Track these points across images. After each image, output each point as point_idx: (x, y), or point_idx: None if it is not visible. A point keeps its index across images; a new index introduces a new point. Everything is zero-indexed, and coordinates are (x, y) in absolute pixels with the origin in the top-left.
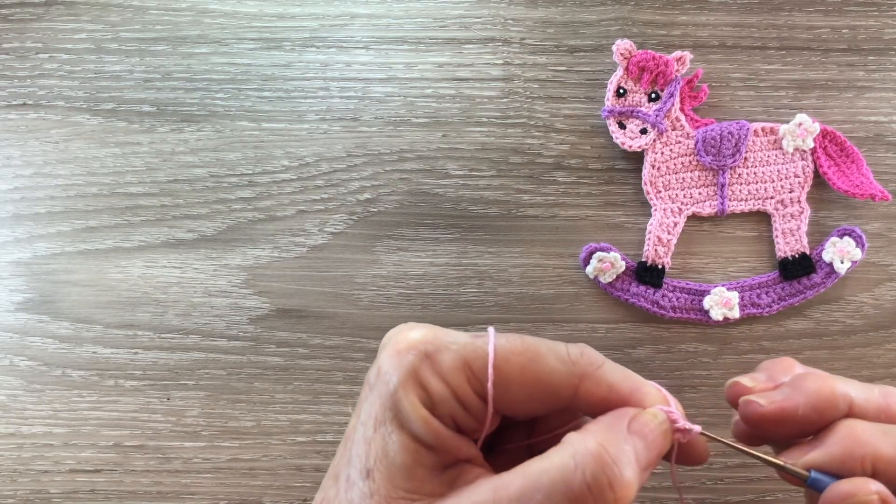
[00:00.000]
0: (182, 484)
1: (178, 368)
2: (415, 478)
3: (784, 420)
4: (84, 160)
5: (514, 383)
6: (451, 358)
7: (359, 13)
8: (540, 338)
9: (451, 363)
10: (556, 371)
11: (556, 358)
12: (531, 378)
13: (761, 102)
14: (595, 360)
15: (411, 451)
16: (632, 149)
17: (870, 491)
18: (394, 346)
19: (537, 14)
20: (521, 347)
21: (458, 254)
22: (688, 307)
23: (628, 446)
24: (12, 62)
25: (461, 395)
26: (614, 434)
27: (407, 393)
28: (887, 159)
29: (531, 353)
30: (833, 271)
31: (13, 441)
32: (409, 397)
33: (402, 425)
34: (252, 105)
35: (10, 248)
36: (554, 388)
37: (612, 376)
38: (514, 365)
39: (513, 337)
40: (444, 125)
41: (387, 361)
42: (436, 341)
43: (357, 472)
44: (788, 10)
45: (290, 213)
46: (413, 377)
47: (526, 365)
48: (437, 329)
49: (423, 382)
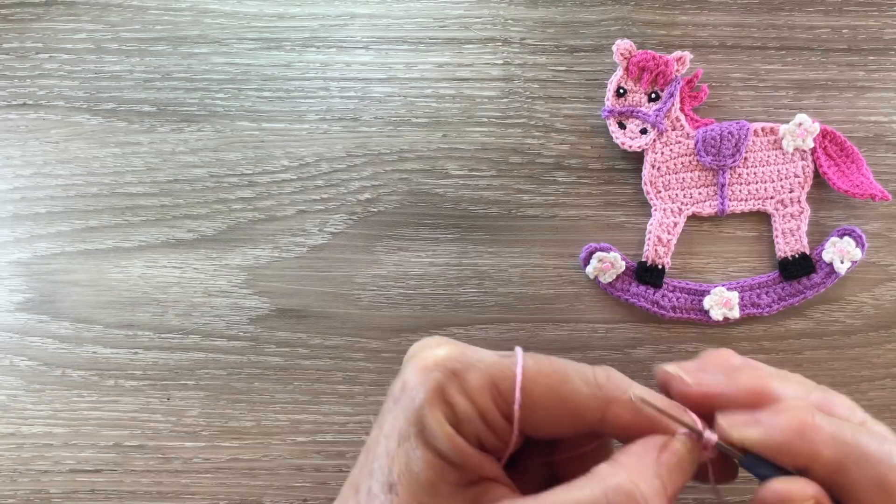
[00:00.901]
0: (182, 484)
1: (178, 368)
2: (438, 494)
3: (710, 405)
4: (84, 160)
5: (540, 405)
6: (478, 377)
7: (359, 13)
8: (567, 360)
9: (479, 382)
10: (582, 395)
11: (583, 381)
12: (558, 401)
13: (761, 102)
14: (621, 385)
15: (435, 468)
16: (632, 149)
17: (807, 496)
18: (421, 362)
19: (537, 14)
20: (548, 369)
21: (458, 254)
22: (688, 307)
23: (659, 481)
24: (12, 62)
25: (487, 414)
26: (645, 468)
27: (433, 410)
28: (887, 159)
29: (559, 375)
30: (833, 271)
31: (13, 441)
32: (434, 414)
33: (427, 441)
34: (252, 105)
35: (10, 248)
36: (580, 412)
37: (640, 403)
38: (541, 387)
39: (541, 358)
40: (444, 125)
41: (413, 376)
42: (463, 359)
43: (379, 486)
44: (788, 10)
45: (290, 213)
46: (439, 394)
47: (553, 388)
48: (465, 346)
49: (449, 400)
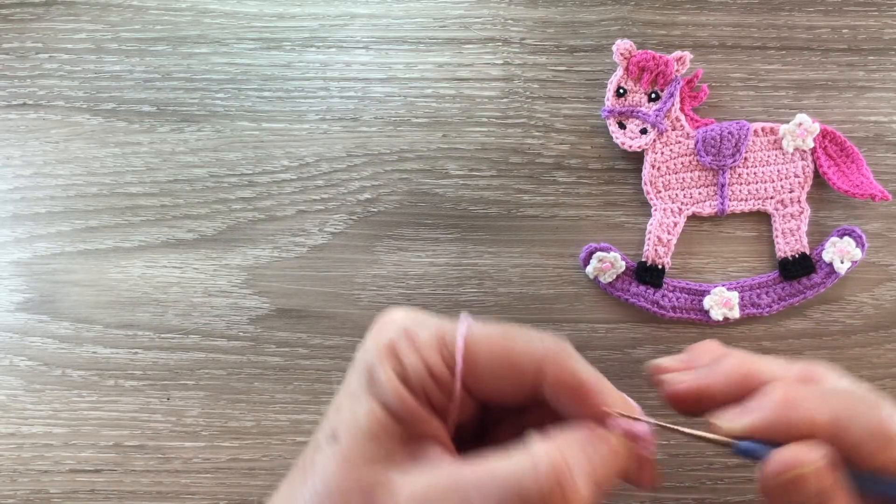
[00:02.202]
0: (182, 484)
1: (178, 368)
2: (379, 444)
3: (700, 398)
4: (84, 160)
5: (483, 360)
6: (427, 333)
7: (359, 13)
8: (515, 326)
9: (427, 339)
10: (524, 350)
11: (526, 340)
12: (500, 355)
13: (761, 102)
14: (566, 349)
15: (378, 418)
16: (632, 149)
17: (813, 459)
18: (377, 325)
19: (537, 14)
20: (494, 329)
21: (458, 254)
22: (688, 307)
23: (587, 462)
24: (12, 62)
25: (434, 369)
26: (576, 444)
27: (382, 363)
28: (887, 159)
29: (503, 333)
30: (833, 271)
31: (13, 441)
32: (383, 367)
33: (374, 393)
34: (252, 105)
35: (10, 248)
36: (521, 368)
37: (580, 366)
38: (485, 343)
39: (489, 323)
40: (444, 125)
41: (369, 339)
42: (416, 319)
43: (324, 436)
44: (788, 10)
45: (290, 213)
46: (390, 349)
47: (497, 343)
48: (420, 311)
49: (398, 354)
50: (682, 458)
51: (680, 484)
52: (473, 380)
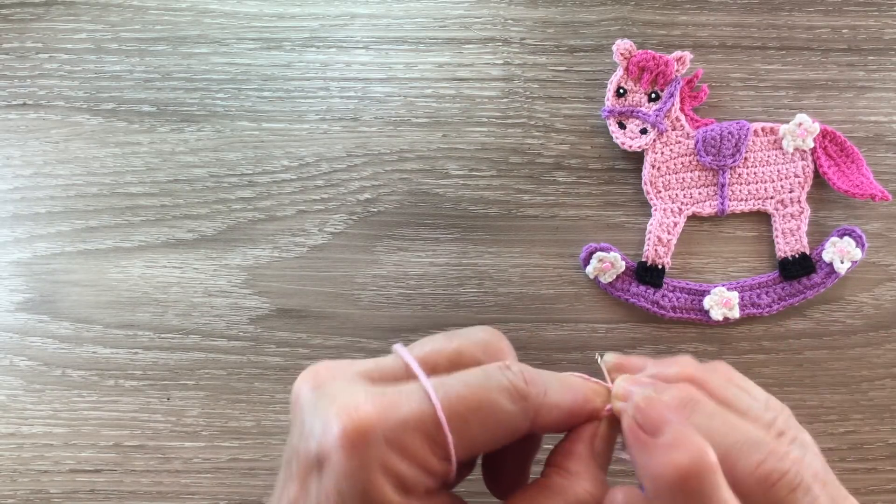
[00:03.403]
0: (182, 484)
1: (178, 368)
2: None
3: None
4: (84, 160)
5: (475, 437)
6: (413, 438)
7: (359, 13)
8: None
9: (416, 443)
10: (511, 413)
11: (508, 399)
12: (491, 427)
13: (761, 102)
14: (539, 386)
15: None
16: (632, 149)
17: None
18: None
19: (537, 14)
20: (473, 400)
21: (458, 254)
22: (688, 307)
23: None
24: (12, 62)
25: (430, 467)
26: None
27: (382, 488)
28: (887, 159)
29: (485, 401)
30: (833, 271)
31: (13, 441)
32: (383, 492)
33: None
34: (252, 105)
35: (10, 248)
36: (512, 428)
37: (559, 398)
38: (474, 422)
39: (457, 386)
40: (444, 125)
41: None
42: (389, 420)
43: None
44: (788, 10)
45: (290, 213)
46: (382, 470)
47: (485, 419)
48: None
49: (393, 471)
50: None
51: None
52: (468, 452)
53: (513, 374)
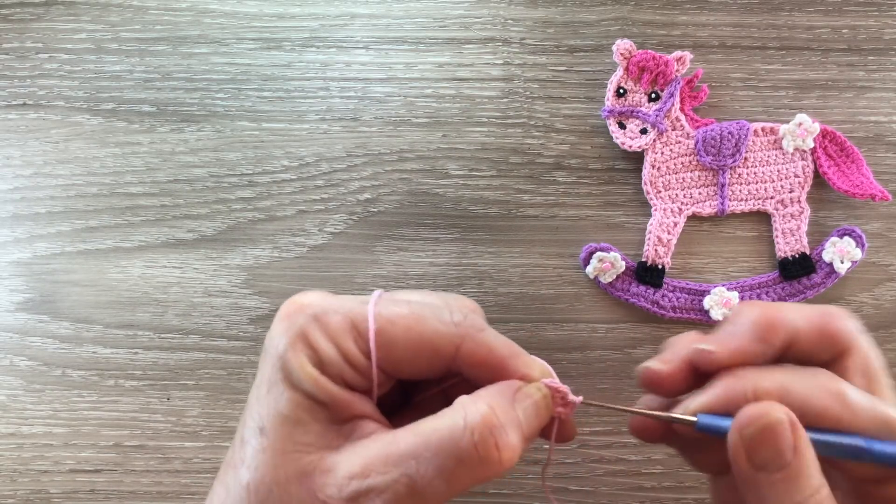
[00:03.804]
0: (182, 484)
1: (178, 368)
2: (309, 432)
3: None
4: (84, 160)
5: (398, 344)
6: (338, 320)
7: (359, 13)
8: (429, 304)
9: (339, 325)
10: (438, 332)
11: (439, 320)
12: (415, 339)
13: (761, 102)
14: (477, 324)
15: (303, 407)
16: (632, 149)
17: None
18: (285, 310)
19: (537, 14)
20: (406, 311)
21: (458, 254)
22: (688, 307)
23: (514, 413)
24: (12, 62)
25: (349, 355)
26: (503, 400)
27: (296, 353)
28: (887, 159)
29: (416, 315)
30: (833, 271)
31: (13, 441)
32: (297, 357)
33: (293, 385)
34: (252, 105)
35: (10, 248)
36: (436, 348)
37: (493, 340)
38: (399, 327)
39: (400, 301)
40: (444, 125)
41: (277, 325)
42: (325, 304)
43: (251, 431)
44: (788, 10)
45: (290, 213)
46: (301, 338)
47: (410, 326)
48: (329, 294)
49: (311, 343)
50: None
51: (680, 484)
52: (390, 363)
53: (456, 309)
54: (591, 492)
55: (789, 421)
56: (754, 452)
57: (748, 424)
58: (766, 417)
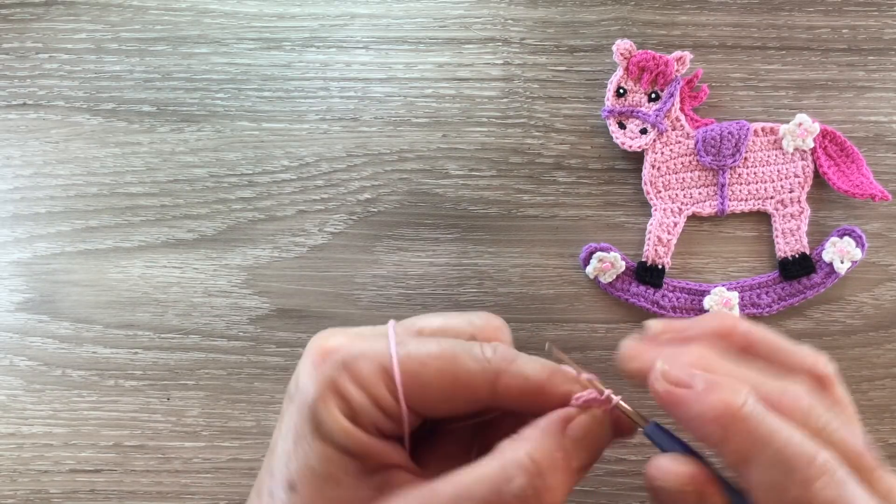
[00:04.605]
0: (182, 484)
1: (178, 368)
2: (340, 486)
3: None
4: (84, 160)
5: (432, 387)
6: (368, 366)
7: (359, 13)
8: (456, 340)
9: (370, 371)
10: (471, 371)
11: (472, 358)
12: (449, 380)
13: (761, 102)
14: (508, 356)
15: (334, 461)
16: (632, 149)
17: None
18: (311, 356)
19: (537, 14)
20: (436, 350)
21: (458, 254)
22: (688, 307)
23: (560, 453)
24: (12, 62)
25: (381, 402)
26: (546, 441)
27: (326, 404)
28: (887, 159)
29: (447, 354)
30: (833, 271)
31: (13, 441)
32: (328, 409)
33: (323, 437)
34: (252, 105)
35: (10, 248)
36: (472, 388)
37: (527, 368)
38: (431, 369)
39: (427, 340)
40: (444, 125)
41: (304, 373)
42: (353, 349)
43: (280, 486)
44: (788, 10)
45: (290, 213)
46: (332, 388)
47: (443, 368)
48: (356, 335)
49: (342, 393)
50: None
51: None
52: (423, 406)
53: (486, 344)
54: (592, 492)
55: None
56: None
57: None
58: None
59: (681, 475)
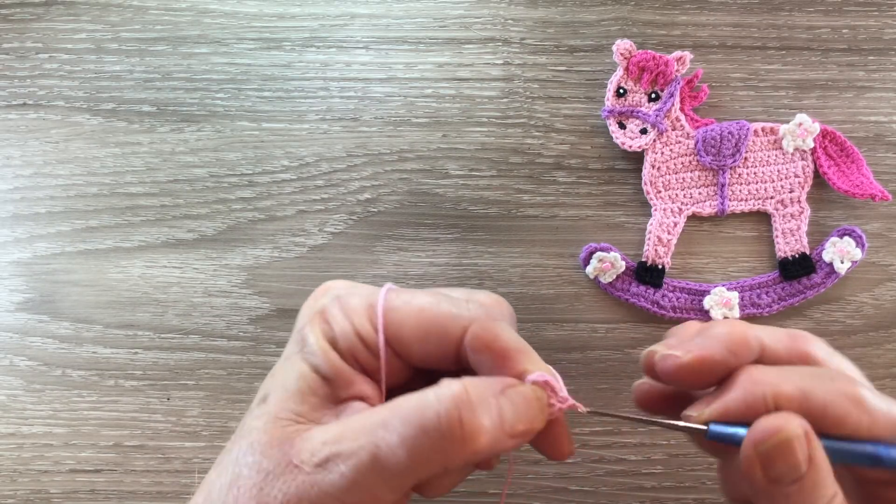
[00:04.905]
0: (182, 484)
1: (178, 368)
2: (305, 403)
3: (702, 367)
4: (84, 160)
5: (409, 323)
6: (357, 301)
7: (359, 13)
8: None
9: (357, 304)
10: (449, 314)
11: (453, 305)
12: (426, 320)
13: (761, 102)
14: (491, 314)
15: (307, 379)
16: (632, 149)
17: (796, 425)
18: (313, 294)
19: (537, 14)
20: (423, 297)
21: (458, 254)
22: (688, 307)
23: (494, 400)
24: (12, 62)
25: (362, 332)
26: (486, 387)
27: (313, 327)
28: (887, 159)
29: (431, 300)
30: (833, 271)
31: (13, 441)
32: (313, 330)
33: (305, 357)
34: (252, 105)
35: (10, 248)
36: (445, 330)
37: (502, 331)
38: (413, 307)
39: (420, 291)
40: (444, 125)
41: (304, 306)
42: (349, 288)
43: (256, 400)
44: (788, 10)
45: (290, 213)
46: (321, 314)
47: (423, 308)
48: (358, 283)
49: (328, 319)
50: (682, 458)
51: (680, 484)
52: (400, 343)
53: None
54: (592, 492)
55: (805, 434)
56: (769, 466)
57: (763, 440)
58: (782, 433)
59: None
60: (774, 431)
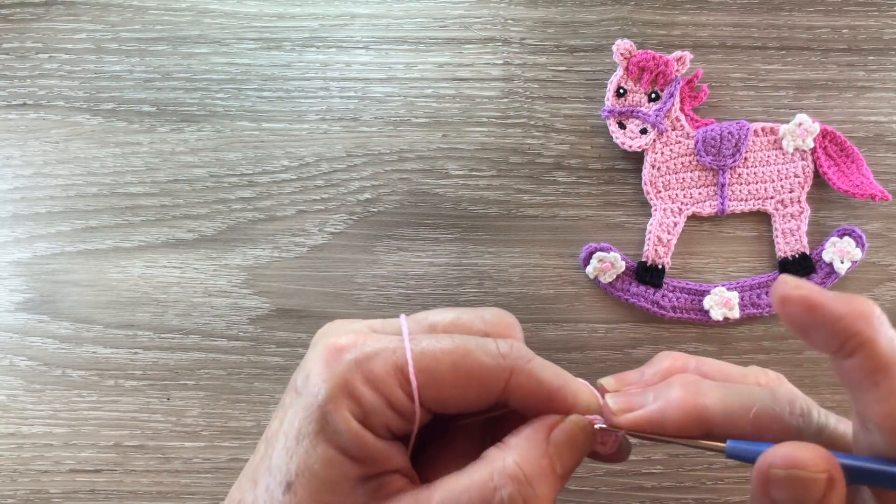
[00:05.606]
0: (182, 484)
1: (178, 368)
2: (337, 491)
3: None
4: (84, 160)
5: (445, 381)
6: (383, 366)
7: (359, 13)
8: (470, 336)
9: (384, 371)
10: (486, 366)
11: (486, 354)
12: (462, 376)
13: (761, 102)
14: (524, 355)
15: (336, 465)
16: (632, 149)
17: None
18: (322, 353)
19: (537, 14)
20: (450, 346)
21: (458, 254)
22: (688, 307)
23: (546, 461)
24: (12, 62)
25: (394, 402)
26: (532, 449)
27: (337, 406)
28: (887, 159)
29: (461, 350)
30: (833, 271)
31: (13, 441)
32: (339, 411)
33: (329, 438)
34: (252, 105)
35: (10, 248)
36: (485, 384)
37: (542, 372)
38: (445, 364)
39: (442, 336)
40: (444, 125)
41: (315, 371)
42: (366, 348)
43: (277, 484)
44: (788, 10)
45: (290, 213)
46: (344, 390)
47: (457, 363)
48: (368, 330)
49: (355, 395)
50: (682, 458)
51: (680, 484)
52: (437, 402)
53: (501, 340)
54: (592, 492)
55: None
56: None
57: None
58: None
59: (817, 459)
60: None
